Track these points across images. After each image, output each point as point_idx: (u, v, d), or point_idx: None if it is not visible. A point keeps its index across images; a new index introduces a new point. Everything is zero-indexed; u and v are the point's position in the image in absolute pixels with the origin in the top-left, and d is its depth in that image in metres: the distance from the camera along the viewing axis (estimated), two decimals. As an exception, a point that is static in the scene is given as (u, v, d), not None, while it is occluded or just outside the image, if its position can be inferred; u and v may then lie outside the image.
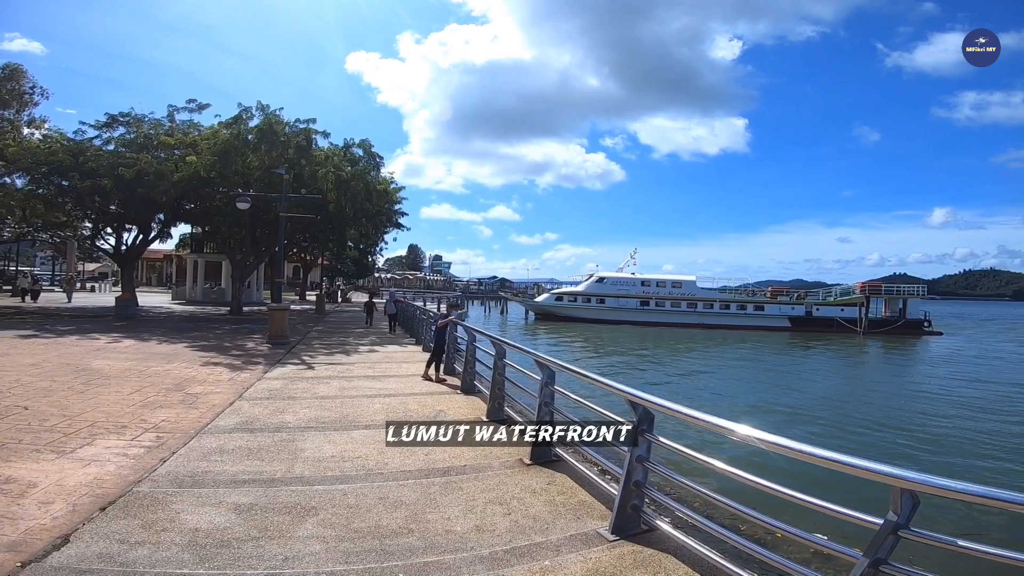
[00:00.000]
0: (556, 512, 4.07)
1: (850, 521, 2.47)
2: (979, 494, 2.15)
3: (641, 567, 3.26)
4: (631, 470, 3.65)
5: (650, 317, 44.87)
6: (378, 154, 24.76)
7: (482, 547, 3.49)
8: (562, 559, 3.36)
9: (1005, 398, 16.84)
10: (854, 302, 42.96)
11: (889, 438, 11.60)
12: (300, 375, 9.87)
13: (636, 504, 3.73)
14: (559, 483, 4.67)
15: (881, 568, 2.37)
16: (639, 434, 3.66)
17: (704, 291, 46.73)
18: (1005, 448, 10.97)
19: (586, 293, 47.32)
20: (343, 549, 3.43)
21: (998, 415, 14.36)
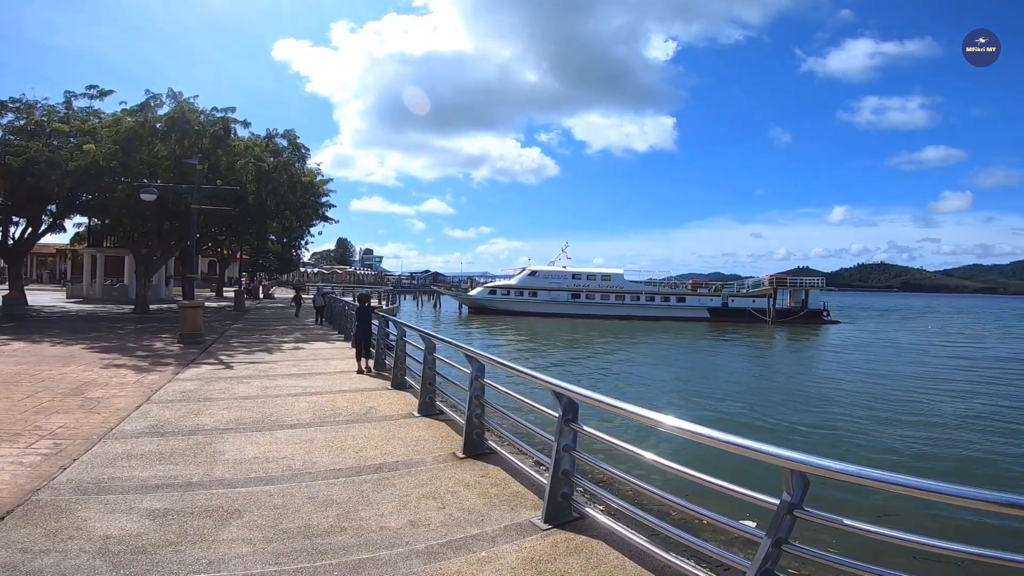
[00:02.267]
0: (490, 504, 4.10)
1: (757, 503, 2.60)
2: (863, 475, 2.26)
3: (574, 554, 3.36)
4: (559, 459, 3.71)
5: (581, 309, 46.16)
6: (304, 145, 23.99)
7: (418, 542, 3.49)
8: (498, 549, 3.41)
9: (898, 382, 18.75)
10: (764, 293, 46.54)
11: (795, 420, 12.51)
12: (217, 375, 9.30)
13: (566, 493, 3.81)
14: (492, 475, 4.71)
15: (783, 547, 2.49)
16: (565, 424, 3.72)
17: (631, 284, 48.69)
18: (901, 429, 11.96)
19: (519, 286, 47.85)
20: (272, 550, 3.33)
21: (892, 398, 15.84)
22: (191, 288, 16.23)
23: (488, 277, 62.68)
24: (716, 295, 48.22)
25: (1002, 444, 10.50)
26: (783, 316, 45.08)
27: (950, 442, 10.57)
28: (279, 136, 22.83)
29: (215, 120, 19.41)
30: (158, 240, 21.63)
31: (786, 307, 46.52)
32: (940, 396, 15.46)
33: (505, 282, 49.66)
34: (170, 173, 18.40)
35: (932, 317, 64.19)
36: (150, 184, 15.91)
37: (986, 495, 1.99)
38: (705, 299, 47.66)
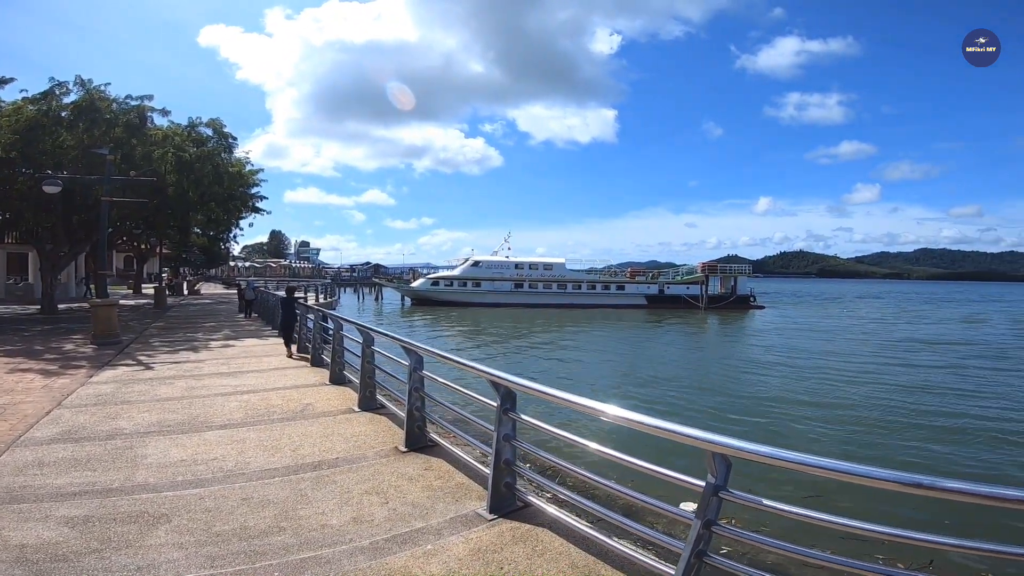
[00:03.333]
0: (435, 497, 4.09)
1: (689, 487, 2.67)
2: (778, 457, 2.33)
3: (520, 542, 3.40)
4: (499, 449, 3.72)
5: (524, 299, 46.61)
6: (231, 134, 22.85)
7: (362, 538, 3.44)
8: (444, 542, 3.41)
9: (816, 364, 20.02)
10: (696, 280, 48.84)
11: (725, 404, 13.09)
12: (136, 377, 8.70)
13: (509, 482, 3.81)
14: (436, 468, 4.69)
15: (713, 529, 2.56)
16: (503, 413, 3.71)
17: (573, 273, 49.67)
18: (821, 411, 12.55)
19: (462, 277, 47.63)
20: (207, 554, 3.21)
21: (812, 381, 16.76)
22: (104, 285, 15.02)
23: (431, 268, 61.88)
24: (653, 283, 50.10)
25: (913, 425, 11.13)
26: (714, 302, 47.50)
27: (866, 423, 11.16)
28: (203, 125, 21.65)
29: (129, 108, 18.29)
30: (65, 235, 19.87)
31: (717, 293, 48.99)
32: (856, 378, 16.46)
33: (448, 273, 49.29)
34: (78, 164, 17.02)
35: (847, 302, 69.20)
36: (54, 176, 14.60)
37: (892, 475, 2.11)
38: (643, 287, 49.39)
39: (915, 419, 11.49)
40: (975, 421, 11.41)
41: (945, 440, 10.09)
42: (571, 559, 3.20)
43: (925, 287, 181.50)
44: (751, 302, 49.67)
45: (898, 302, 70.49)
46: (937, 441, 10.00)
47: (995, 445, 9.87)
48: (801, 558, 2.68)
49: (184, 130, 21.15)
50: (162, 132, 20.13)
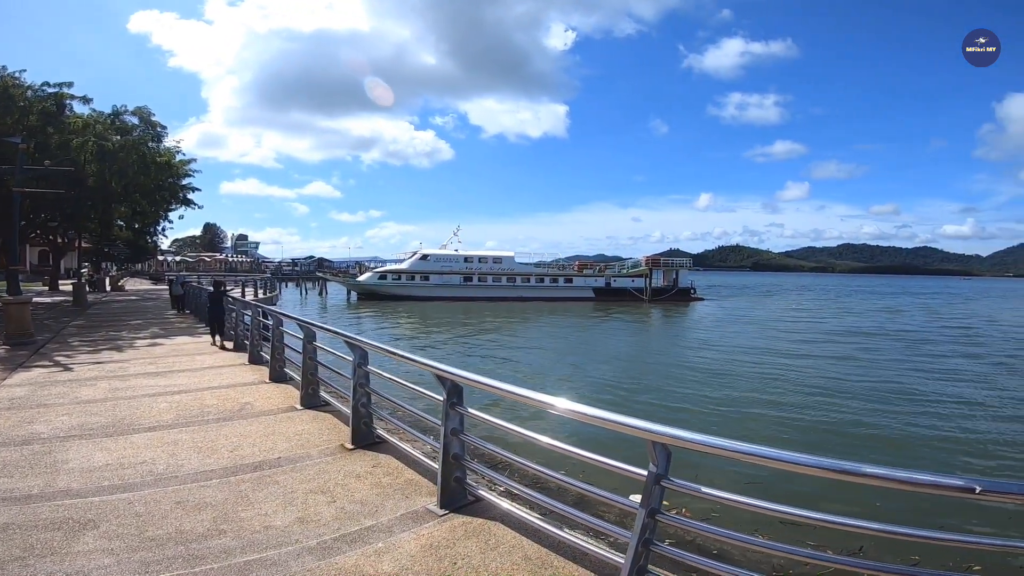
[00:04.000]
0: (384, 494, 4.04)
1: (632, 477, 2.69)
2: (714, 444, 2.38)
3: (473, 536, 3.40)
4: (447, 444, 3.70)
5: (473, 292, 46.52)
6: (160, 123, 21.86)
7: (308, 538, 3.36)
8: (395, 539, 3.37)
9: (755, 354, 21.17)
10: (641, 273, 50.38)
11: (668, 394, 13.54)
12: (53, 379, 8.07)
13: (459, 477, 3.80)
14: (384, 464, 4.62)
15: (658, 518, 2.62)
16: (450, 407, 3.68)
17: (522, 266, 50.00)
18: (761, 399, 13.09)
19: (410, 271, 46.97)
20: (140, 559, 3.07)
21: (750, 370, 17.53)
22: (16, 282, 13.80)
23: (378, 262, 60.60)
24: (600, 276, 51.19)
25: (845, 411, 11.64)
26: (658, 294, 49.18)
27: (802, 411, 11.58)
28: (128, 113, 20.59)
29: (46, 96, 17.39)
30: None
31: (660, 286, 50.71)
32: (790, 368, 17.27)
33: (396, 267, 48.46)
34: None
35: (779, 295, 73.06)
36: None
37: (815, 461, 2.18)
38: (590, 280, 50.38)
39: (844, 405, 12.13)
40: (898, 406, 12.16)
41: (873, 425, 10.62)
42: (524, 552, 3.23)
43: (848, 280, 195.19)
44: (692, 294, 51.72)
45: (826, 294, 75.05)
46: (865, 427, 10.55)
47: (916, 428, 10.51)
48: (743, 544, 2.77)
49: (107, 118, 20.10)
50: (83, 120, 19.07)
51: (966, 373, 16.61)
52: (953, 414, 11.49)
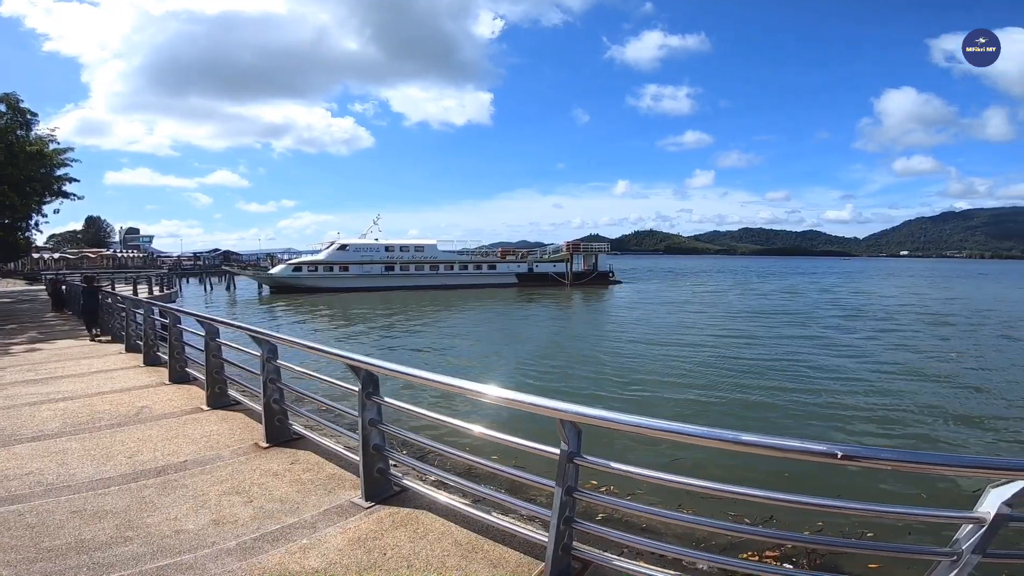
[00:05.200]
0: (305, 490, 3.97)
1: (547, 456, 2.75)
2: (622, 421, 2.44)
3: (401, 527, 3.40)
4: (366, 435, 3.65)
5: (395, 282, 45.71)
6: (29, 110, 19.55)
7: (226, 540, 3.26)
8: (320, 534, 3.33)
9: (668, 333, 22.40)
10: (562, 258, 51.92)
11: (588, 374, 14.10)
12: (-95, 395, 7.08)
13: (382, 468, 3.77)
14: (304, 460, 4.54)
15: (575, 495, 2.70)
16: (366, 398, 3.64)
17: (445, 254, 49.68)
18: (676, 377, 13.81)
19: (328, 261, 45.16)
20: (40, 570, 2.91)
21: (665, 348, 18.68)
22: None
23: (293, 253, 57.56)
24: (523, 261, 52.06)
25: (747, 388, 12.28)
26: (579, 278, 50.97)
27: (712, 386, 12.31)
28: None
29: None
30: None
31: (581, 270, 52.50)
32: (701, 345, 18.46)
33: (312, 258, 46.34)
34: None
35: (690, 276, 77.51)
36: None
37: (708, 432, 2.29)
38: (513, 266, 51.11)
39: (750, 379, 13.00)
40: (798, 377, 13.22)
41: (777, 397, 11.33)
42: (454, 538, 3.28)
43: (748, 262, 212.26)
44: (610, 278, 54.01)
45: (733, 276, 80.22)
46: (765, 400, 11.19)
47: (810, 399, 11.31)
48: (663, 519, 2.96)
49: (-32, 106, 17.57)
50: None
51: (857, 347, 18.20)
52: (844, 388, 12.25)
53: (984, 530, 2.11)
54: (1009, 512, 2.09)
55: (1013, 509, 2.10)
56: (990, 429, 9.47)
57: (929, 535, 4.37)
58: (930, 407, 10.60)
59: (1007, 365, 15.05)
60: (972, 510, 2.17)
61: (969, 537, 2.15)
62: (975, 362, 15.49)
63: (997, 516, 2.08)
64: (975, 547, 2.13)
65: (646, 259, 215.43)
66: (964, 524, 2.18)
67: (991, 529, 2.10)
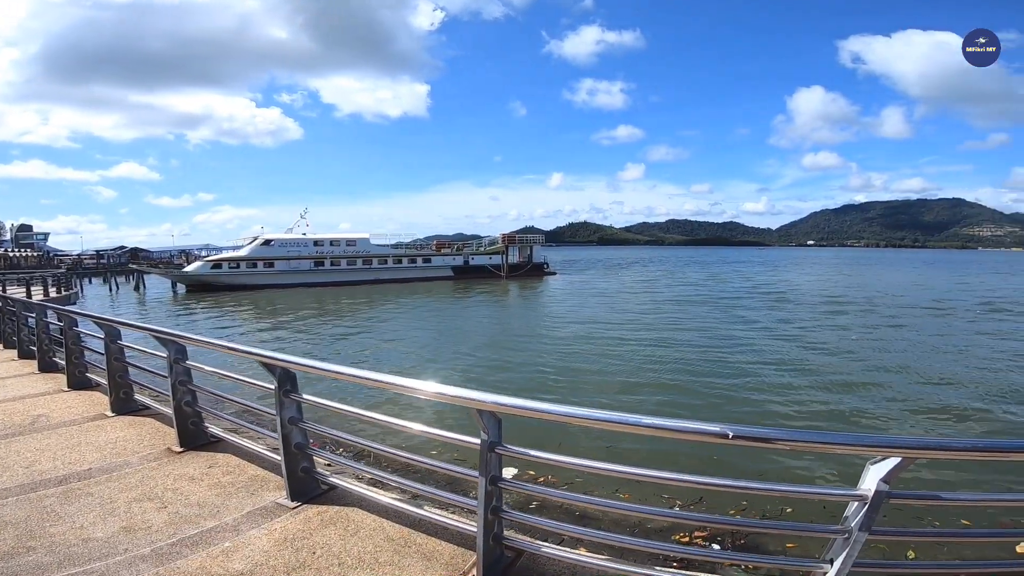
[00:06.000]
0: (226, 493, 3.85)
1: (468, 446, 2.77)
2: (539, 410, 2.47)
3: (331, 525, 3.35)
4: (287, 434, 3.58)
5: (326, 277, 44.24)
6: None
7: (140, 547, 3.13)
8: (244, 537, 3.24)
9: (599, 323, 23.13)
10: (498, 251, 52.30)
11: (526, 366, 14.36)
12: None
13: (307, 467, 3.70)
14: (223, 463, 4.39)
15: (500, 485, 2.71)
16: (284, 396, 3.56)
17: (378, 248, 48.56)
18: (606, 365, 14.23)
19: (251, 257, 42.84)
20: None
21: (597, 339, 19.14)
22: None
23: (212, 249, 54.17)
24: (458, 254, 51.91)
25: (673, 374, 12.88)
26: (514, 270, 51.57)
27: (641, 374, 12.80)
28: None
29: None
30: None
31: (516, 262, 53.07)
32: (631, 334, 19.12)
33: (234, 254, 43.77)
34: None
35: (623, 267, 79.84)
36: None
37: (614, 416, 2.35)
38: (449, 259, 50.91)
39: (679, 366, 13.64)
40: (723, 362, 13.90)
41: (703, 382, 11.87)
42: (386, 533, 3.25)
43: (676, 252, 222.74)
44: (545, 269, 54.99)
45: (663, 265, 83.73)
46: (696, 383, 11.77)
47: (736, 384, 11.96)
48: (593, 507, 3.06)
49: None
50: None
51: (775, 331, 19.63)
52: (769, 372, 13.03)
53: (867, 507, 2.17)
54: (887, 489, 2.16)
55: (890, 486, 2.16)
56: (894, 401, 10.51)
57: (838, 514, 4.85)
58: (837, 385, 11.61)
59: (902, 347, 16.61)
60: (856, 488, 2.23)
61: (856, 515, 2.21)
62: (874, 344, 16.99)
63: (876, 493, 2.15)
64: (861, 524, 2.18)
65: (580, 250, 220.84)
66: (851, 501, 2.24)
67: (873, 506, 2.16)
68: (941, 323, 21.48)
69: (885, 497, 2.15)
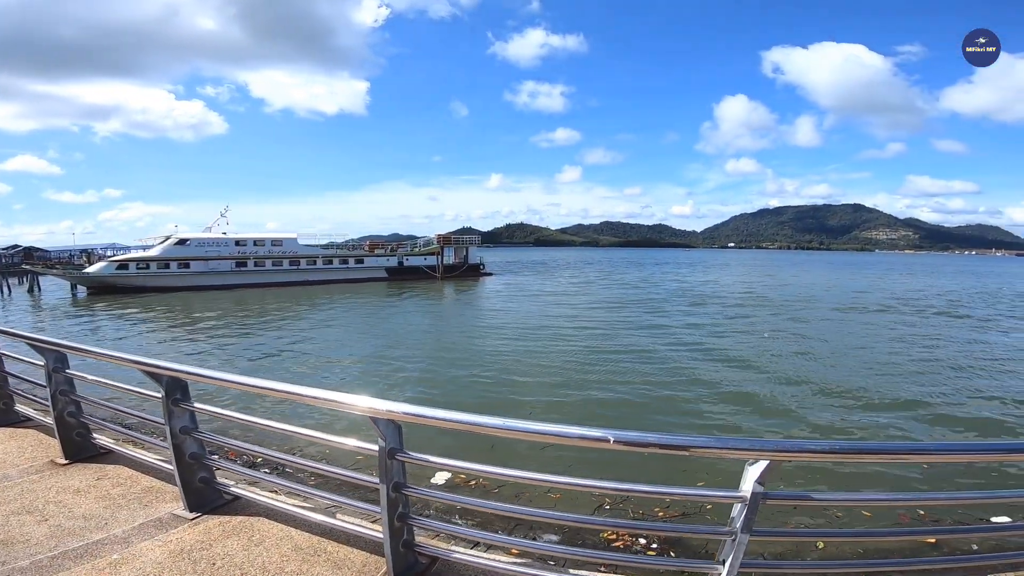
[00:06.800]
0: (115, 505, 3.68)
1: (368, 453, 2.78)
2: (439, 418, 2.52)
3: (233, 535, 3.29)
4: (179, 444, 3.49)
5: (249, 279, 42.03)
6: None
7: (17, 559, 2.98)
8: (136, 548, 3.14)
9: (531, 326, 23.35)
10: (434, 251, 51.80)
11: (454, 372, 14.30)
12: None
13: (206, 477, 3.62)
14: (114, 475, 4.19)
15: (404, 491, 2.78)
16: (174, 405, 3.48)
17: (306, 248, 46.70)
18: (536, 368, 14.34)
19: (163, 258, 39.87)
20: None
21: (531, 342, 19.30)
22: None
23: (119, 249, 49.90)
24: (392, 255, 50.91)
25: (605, 378, 12.92)
26: (450, 271, 51.34)
27: (573, 380, 12.66)
28: None
29: None
30: None
31: (452, 263, 52.80)
32: (562, 337, 19.26)
33: (143, 254, 40.50)
34: None
35: (557, 269, 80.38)
36: None
37: (512, 424, 2.39)
38: (382, 259, 49.82)
39: (607, 370, 13.63)
40: (653, 368, 13.84)
41: (630, 388, 11.83)
42: (294, 542, 3.23)
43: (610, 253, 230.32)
44: (481, 270, 55.08)
45: (595, 267, 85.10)
46: (620, 388, 11.73)
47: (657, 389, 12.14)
48: (483, 510, 3.09)
49: None
50: None
51: (700, 331, 20.49)
52: (695, 376, 13.14)
53: (747, 509, 2.22)
54: (762, 490, 2.21)
55: (765, 487, 2.23)
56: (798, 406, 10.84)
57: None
58: (746, 392, 11.66)
59: (806, 348, 17.76)
60: (737, 490, 2.28)
61: (739, 516, 2.26)
62: (785, 346, 17.83)
63: (753, 494, 2.21)
64: (743, 526, 2.23)
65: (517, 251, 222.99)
66: (735, 503, 2.29)
67: (751, 507, 2.22)
68: (856, 325, 22.55)
69: (761, 498, 2.22)
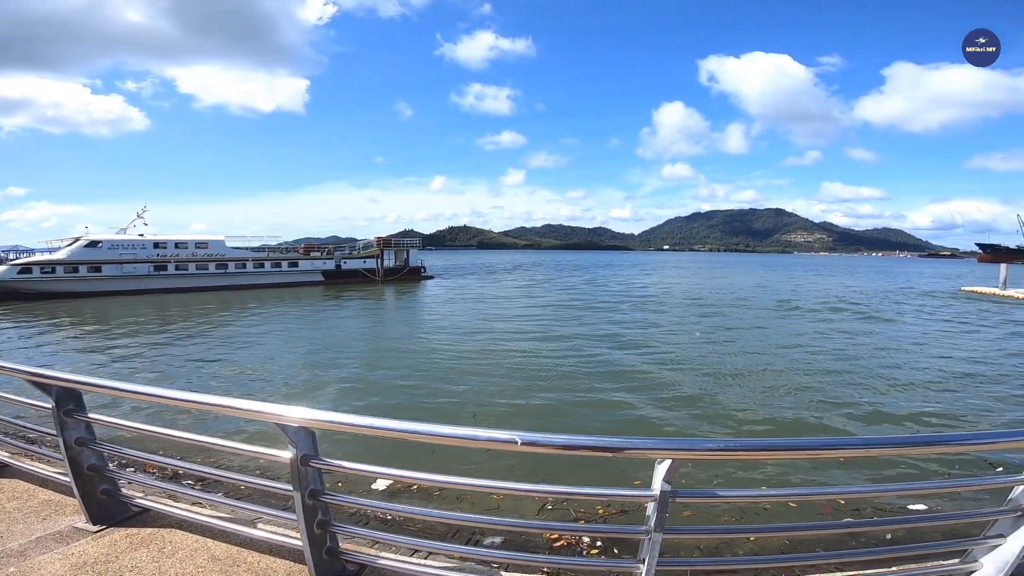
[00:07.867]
0: (10, 519, 3.56)
1: (278, 460, 2.75)
2: (350, 423, 2.51)
3: (142, 547, 3.20)
4: (75, 456, 3.36)
5: (170, 283, 39.33)
6: None
7: None
8: (33, 562, 3.03)
9: (470, 330, 23.29)
10: (373, 254, 50.52)
11: (393, 378, 14.08)
12: None
13: (109, 489, 3.49)
14: (8, 489, 4.02)
15: (322, 498, 2.73)
16: (66, 416, 3.33)
17: (235, 251, 44.28)
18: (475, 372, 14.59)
19: (71, 261, 36.50)
20: None
21: (471, 346, 19.39)
22: None
23: (22, 251, 45.19)
24: (329, 258, 49.25)
25: (543, 381, 13.04)
26: (390, 274, 50.29)
27: (508, 384, 12.61)
28: None
29: None
30: None
31: (392, 266, 51.74)
32: (501, 340, 19.32)
33: (49, 257, 36.94)
34: None
35: (500, 273, 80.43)
36: None
37: (425, 429, 2.39)
38: (319, 262, 48.08)
39: (545, 373, 13.66)
40: (592, 371, 13.86)
41: (572, 391, 11.82)
42: (210, 553, 3.15)
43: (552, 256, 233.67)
44: (422, 273, 54.32)
45: (539, 269, 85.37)
46: (562, 391, 11.79)
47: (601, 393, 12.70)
48: (414, 516, 3.05)
49: None
50: None
51: (637, 328, 21.48)
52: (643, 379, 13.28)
53: (658, 507, 2.27)
54: (670, 488, 2.26)
55: (671, 485, 2.28)
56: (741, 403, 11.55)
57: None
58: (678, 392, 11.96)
59: (743, 348, 18.77)
60: (649, 489, 2.32)
61: (653, 515, 2.30)
62: (714, 347, 18.44)
63: (663, 493, 2.26)
64: (656, 524, 2.27)
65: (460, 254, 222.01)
66: (648, 502, 2.33)
67: (661, 506, 2.26)
68: (798, 324, 23.18)
69: (670, 496, 2.27)
